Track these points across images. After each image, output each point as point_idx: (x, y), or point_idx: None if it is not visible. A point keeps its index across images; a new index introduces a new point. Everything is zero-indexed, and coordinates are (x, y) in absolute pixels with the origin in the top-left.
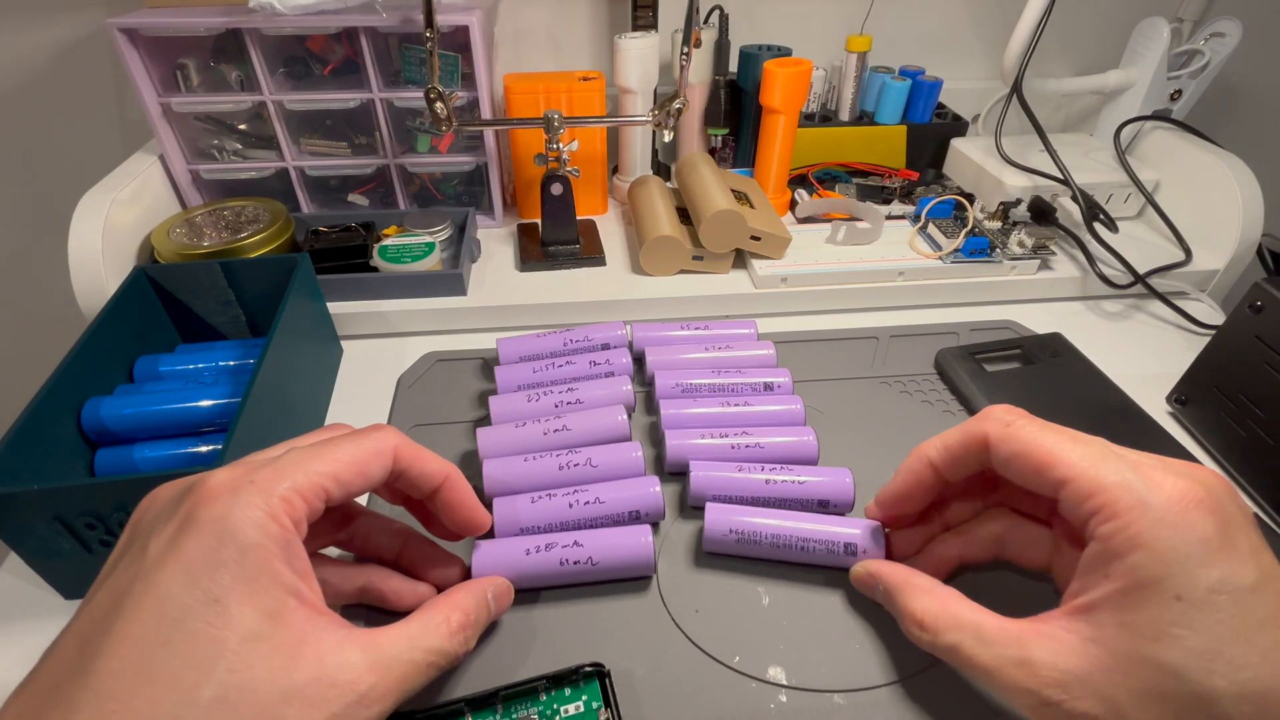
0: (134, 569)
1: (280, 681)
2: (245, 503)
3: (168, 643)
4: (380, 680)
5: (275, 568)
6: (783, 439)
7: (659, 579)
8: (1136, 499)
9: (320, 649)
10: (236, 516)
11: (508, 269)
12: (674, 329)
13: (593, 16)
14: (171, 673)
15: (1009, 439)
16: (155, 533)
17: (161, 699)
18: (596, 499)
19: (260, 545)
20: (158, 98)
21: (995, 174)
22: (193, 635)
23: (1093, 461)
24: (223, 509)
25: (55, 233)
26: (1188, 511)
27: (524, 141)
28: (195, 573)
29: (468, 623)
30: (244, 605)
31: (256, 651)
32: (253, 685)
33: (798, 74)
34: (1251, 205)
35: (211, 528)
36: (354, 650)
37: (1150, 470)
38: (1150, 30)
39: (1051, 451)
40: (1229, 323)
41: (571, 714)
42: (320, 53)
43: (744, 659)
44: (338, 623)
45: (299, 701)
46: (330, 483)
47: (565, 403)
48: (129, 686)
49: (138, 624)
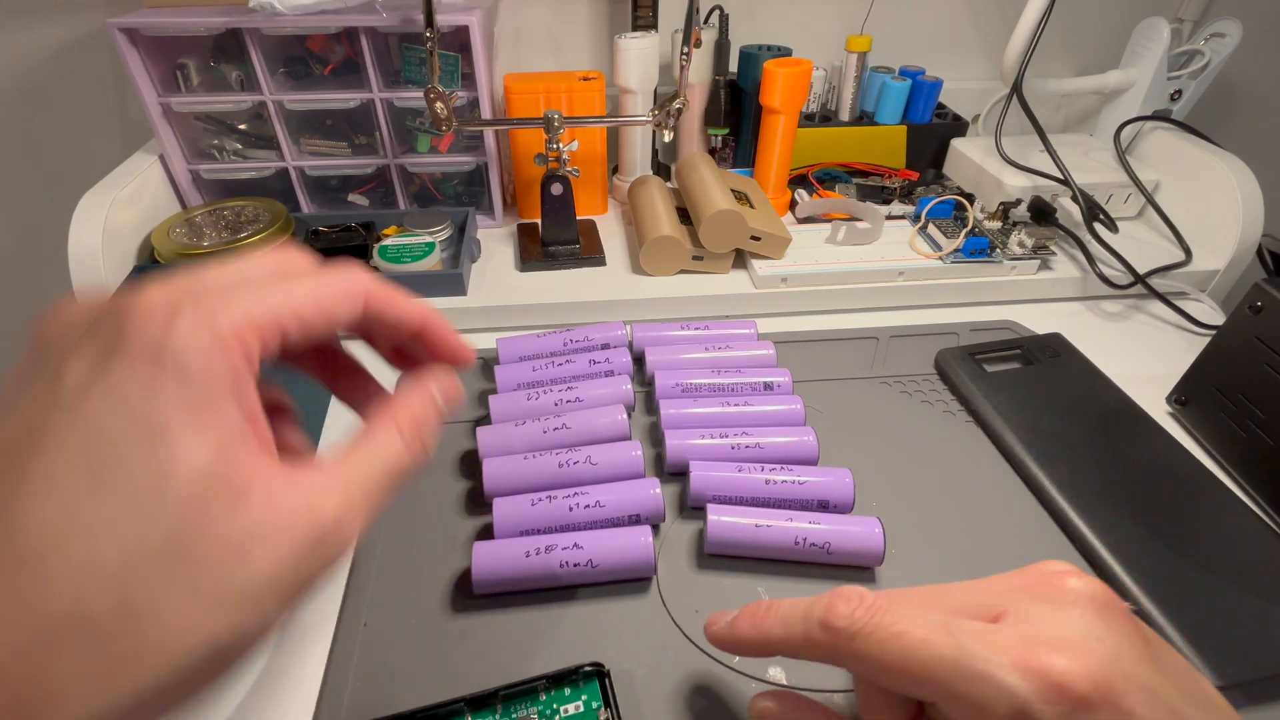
0: (48, 397)
1: (238, 520)
2: (189, 327)
3: (101, 484)
4: (341, 506)
5: (221, 403)
6: (783, 439)
7: (659, 579)
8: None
9: (274, 485)
10: (178, 341)
11: (508, 269)
12: (674, 329)
13: (593, 16)
14: (109, 521)
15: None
16: (73, 355)
17: (102, 554)
18: (597, 502)
19: (205, 376)
20: (158, 97)
21: (995, 174)
22: (131, 475)
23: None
24: (159, 331)
25: (55, 233)
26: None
27: (524, 141)
28: (130, 402)
29: (418, 427)
30: (189, 439)
31: (209, 490)
32: (208, 528)
33: (798, 74)
34: (1251, 205)
35: (147, 351)
36: (311, 481)
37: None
38: (1150, 30)
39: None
40: (1229, 323)
41: (571, 714)
42: (320, 53)
43: (744, 659)
44: (290, 463)
45: (262, 541)
46: (289, 319)
47: (565, 401)
48: (59, 542)
49: (61, 464)
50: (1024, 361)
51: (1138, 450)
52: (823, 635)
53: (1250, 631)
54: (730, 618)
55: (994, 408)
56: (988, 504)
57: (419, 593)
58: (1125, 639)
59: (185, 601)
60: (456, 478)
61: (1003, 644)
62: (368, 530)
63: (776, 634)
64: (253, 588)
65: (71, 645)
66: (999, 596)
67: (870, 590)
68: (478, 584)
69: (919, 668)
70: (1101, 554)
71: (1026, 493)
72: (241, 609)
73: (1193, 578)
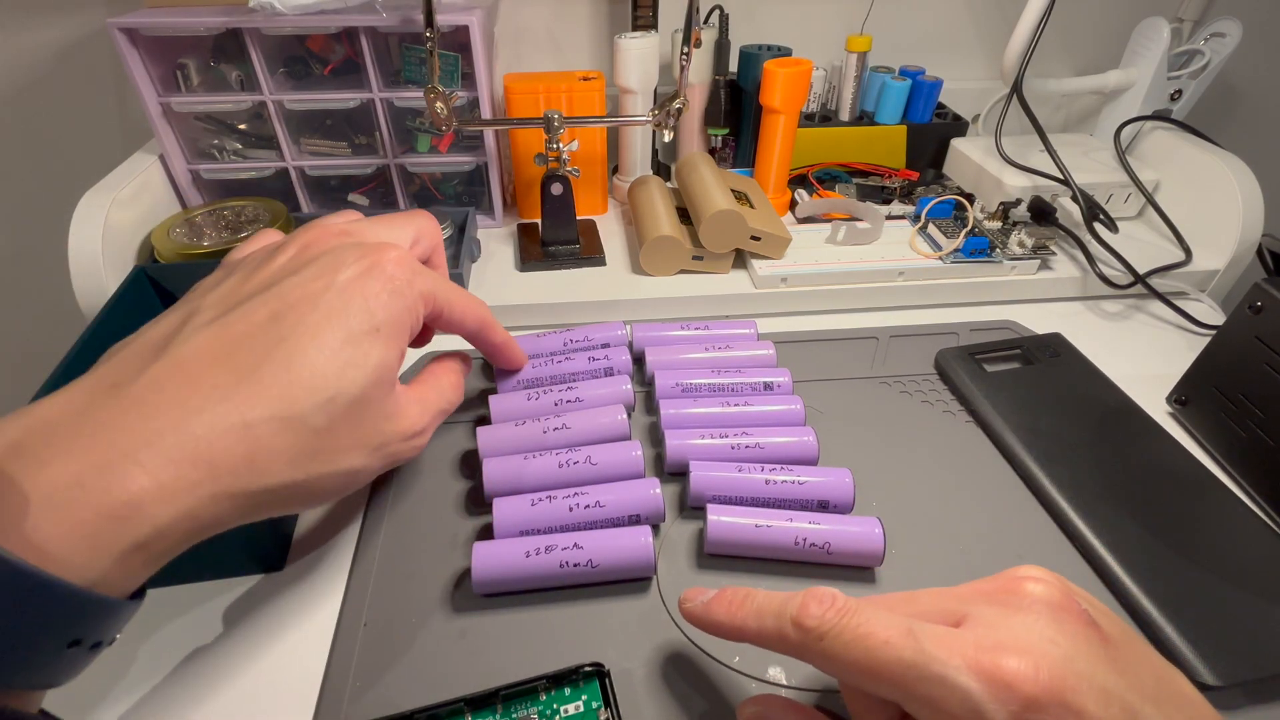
0: (324, 280)
1: (387, 405)
2: (414, 282)
3: (345, 342)
4: (422, 427)
5: (406, 335)
6: (783, 439)
7: (659, 579)
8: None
9: (405, 396)
10: (406, 286)
11: (508, 269)
12: (674, 329)
13: (593, 16)
14: (342, 373)
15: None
16: (342, 262)
17: (338, 385)
18: (597, 502)
19: (411, 312)
20: (158, 98)
21: (995, 174)
22: (355, 346)
23: (917, 667)
24: (403, 274)
25: (55, 233)
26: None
27: (524, 141)
28: (371, 306)
29: (459, 382)
30: (388, 345)
31: (384, 382)
32: (376, 398)
33: (798, 74)
34: (1251, 205)
35: (390, 282)
36: (414, 403)
37: (980, 655)
38: (1150, 30)
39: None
40: (1229, 323)
41: (571, 714)
42: (320, 53)
43: (744, 659)
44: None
45: (387, 426)
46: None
47: (565, 401)
48: (315, 369)
49: (326, 321)
50: (1024, 361)
51: (1138, 450)
52: (794, 633)
53: (1250, 631)
54: (706, 597)
55: (994, 408)
56: (988, 504)
57: (419, 593)
58: (1081, 640)
59: (351, 436)
60: (456, 478)
61: (959, 647)
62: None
63: (750, 625)
64: (378, 447)
65: (292, 433)
66: (962, 602)
67: (841, 594)
68: (477, 584)
69: (881, 668)
70: (1101, 554)
71: (1026, 493)
72: (369, 458)
73: (1193, 578)
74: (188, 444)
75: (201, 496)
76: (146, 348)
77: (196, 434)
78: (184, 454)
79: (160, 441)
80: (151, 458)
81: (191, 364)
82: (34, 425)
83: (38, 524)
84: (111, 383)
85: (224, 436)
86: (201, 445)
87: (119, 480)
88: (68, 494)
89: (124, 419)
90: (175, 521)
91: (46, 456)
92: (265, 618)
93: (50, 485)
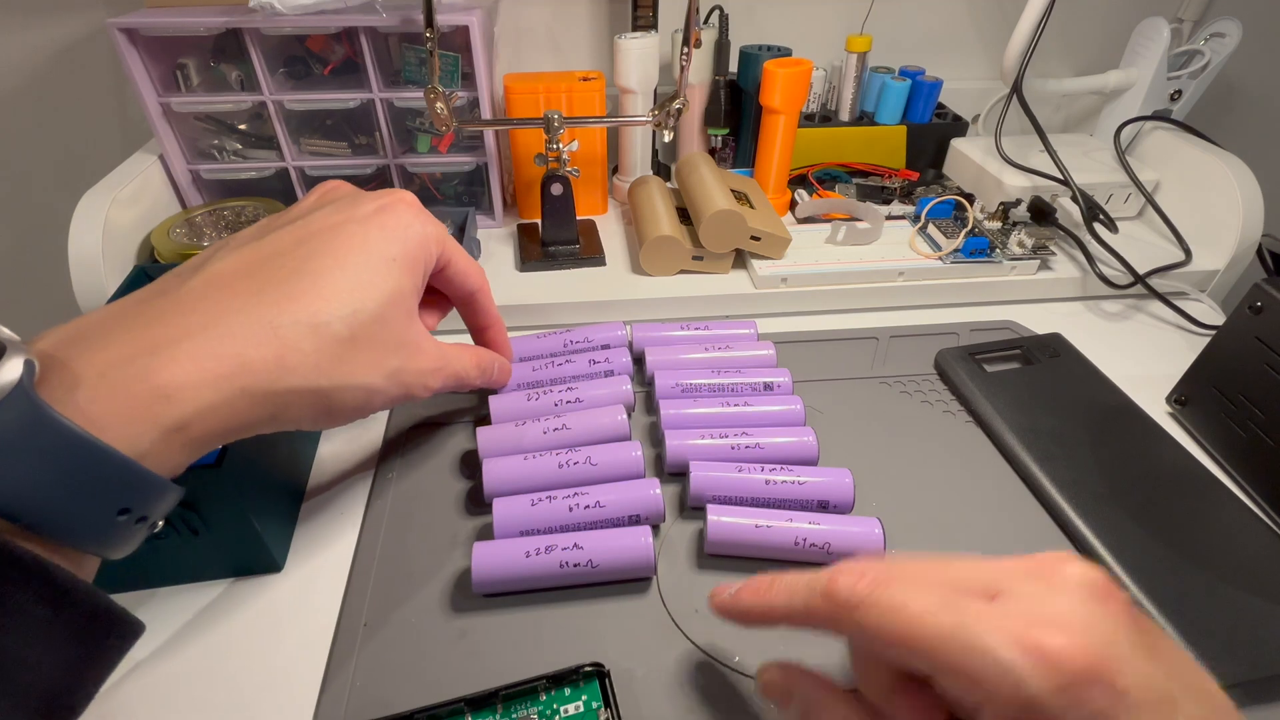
0: (346, 214)
1: (408, 333)
2: (427, 225)
3: (364, 266)
4: (437, 367)
5: (420, 269)
6: (783, 439)
7: (659, 579)
8: (1014, 685)
9: (422, 332)
10: (421, 227)
11: (508, 269)
12: (674, 329)
13: (593, 16)
14: (363, 291)
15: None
16: (360, 202)
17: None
18: (597, 502)
19: (423, 248)
20: (158, 98)
21: (995, 174)
22: (374, 270)
23: (957, 640)
24: (416, 215)
25: (55, 233)
26: (1074, 683)
27: (524, 141)
28: (389, 238)
29: (483, 363)
30: (404, 274)
31: (401, 306)
32: (395, 324)
33: (798, 74)
34: (1251, 205)
35: (405, 218)
36: (433, 344)
37: (1023, 630)
38: (1150, 30)
39: (910, 630)
40: (1229, 323)
41: (571, 714)
42: (320, 53)
43: (744, 659)
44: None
45: (403, 353)
46: (446, 255)
47: (565, 402)
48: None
49: (348, 247)
50: (1024, 361)
51: (1137, 450)
52: (824, 604)
53: (1250, 631)
54: (734, 588)
55: (994, 408)
56: (987, 504)
57: (419, 593)
58: (1121, 625)
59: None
60: (457, 478)
61: (1000, 621)
62: (373, 530)
63: (779, 603)
64: (394, 371)
65: (317, 337)
66: (998, 576)
67: (874, 564)
68: (477, 584)
69: (918, 640)
70: (1101, 554)
71: (1026, 492)
72: (385, 381)
73: (1193, 578)
74: (223, 339)
75: (233, 390)
76: (186, 268)
77: (230, 331)
78: (218, 349)
79: (198, 335)
80: (189, 349)
81: (226, 275)
82: (85, 324)
83: (91, 398)
84: (153, 292)
85: (254, 335)
86: (234, 342)
87: (160, 364)
88: (115, 373)
89: (165, 317)
90: (210, 409)
91: (97, 345)
92: (265, 618)
93: (102, 365)
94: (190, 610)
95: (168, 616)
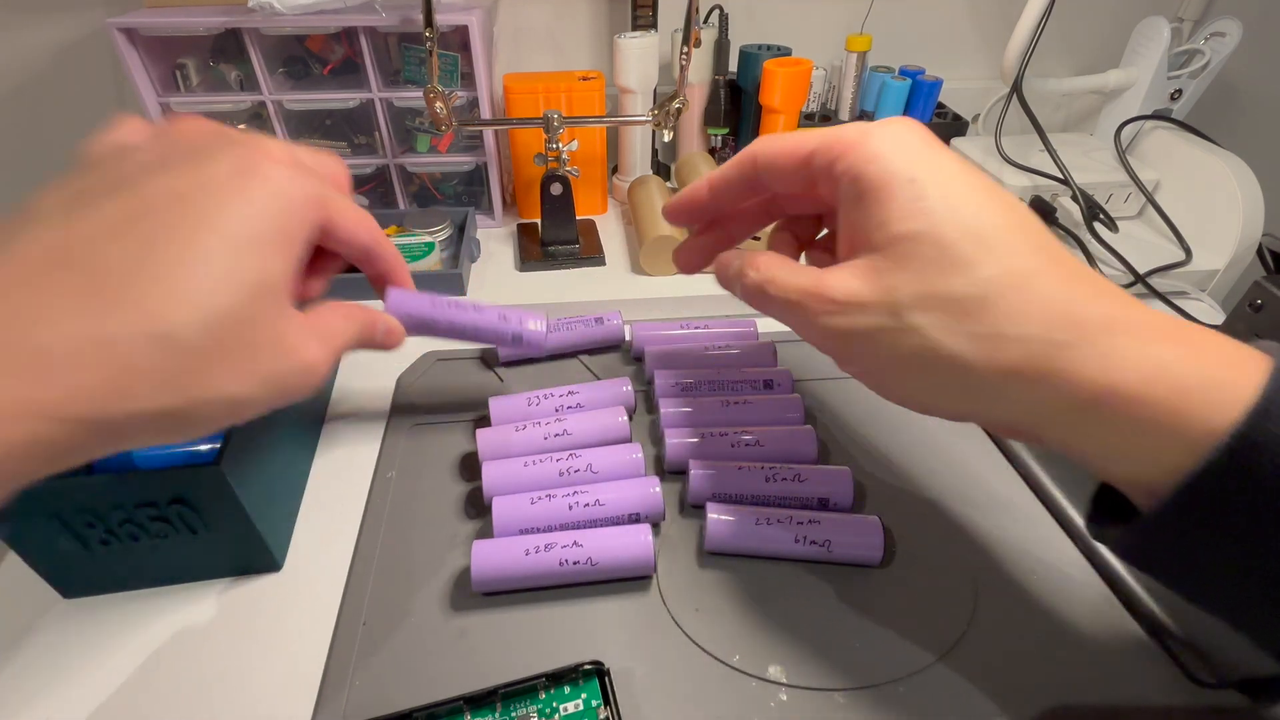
0: (194, 178)
1: (278, 327)
2: (299, 185)
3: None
4: (319, 360)
5: (296, 247)
6: (783, 438)
7: (659, 578)
8: (861, 130)
9: (294, 322)
10: (294, 189)
11: (507, 269)
12: (673, 328)
13: (593, 16)
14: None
15: (770, 141)
16: (213, 158)
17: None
18: (596, 500)
19: (298, 218)
20: (158, 98)
21: (995, 174)
22: (234, 256)
23: (832, 130)
24: (290, 177)
25: None
26: (902, 127)
27: (524, 141)
28: (253, 211)
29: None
30: (273, 255)
31: (270, 298)
32: (263, 322)
33: (798, 74)
34: (1251, 205)
35: (273, 181)
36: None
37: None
38: (1150, 30)
39: (801, 136)
40: (1229, 322)
41: (571, 712)
42: (320, 53)
43: (744, 658)
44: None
45: (276, 353)
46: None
47: (565, 406)
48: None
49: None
50: None
51: None
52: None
53: None
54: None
55: None
56: (988, 502)
57: (418, 591)
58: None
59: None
60: (456, 480)
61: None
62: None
63: (712, 178)
64: (267, 376)
65: (162, 352)
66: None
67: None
68: (477, 582)
69: (810, 136)
70: (1102, 553)
71: (1027, 491)
72: (256, 388)
73: None
74: (34, 358)
75: (54, 420)
76: None
77: (45, 347)
78: (30, 370)
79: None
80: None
81: (37, 263)
82: None
83: None
84: None
85: (80, 352)
86: (53, 361)
87: None
88: None
89: None
90: (22, 446)
91: None
92: (265, 618)
93: None
94: (190, 609)
95: (167, 615)
